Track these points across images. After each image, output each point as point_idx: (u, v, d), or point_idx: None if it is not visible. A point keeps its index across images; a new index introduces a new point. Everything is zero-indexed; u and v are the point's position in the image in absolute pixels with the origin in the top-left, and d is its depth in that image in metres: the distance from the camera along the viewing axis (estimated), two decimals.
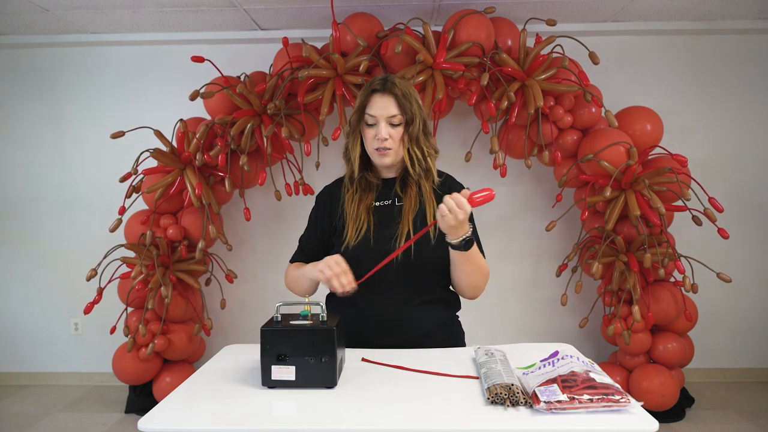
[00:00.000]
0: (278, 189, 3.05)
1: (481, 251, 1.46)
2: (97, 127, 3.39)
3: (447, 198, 1.22)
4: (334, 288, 1.32)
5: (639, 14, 3.10)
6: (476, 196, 1.22)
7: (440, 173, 1.52)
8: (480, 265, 1.40)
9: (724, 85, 3.31)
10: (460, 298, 1.56)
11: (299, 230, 1.59)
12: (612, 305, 2.87)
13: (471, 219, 1.50)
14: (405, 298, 1.44)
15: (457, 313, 1.58)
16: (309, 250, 1.55)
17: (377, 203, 1.47)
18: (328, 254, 1.41)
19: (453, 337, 1.54)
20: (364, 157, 1.49)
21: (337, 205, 1.51)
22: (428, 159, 1.46)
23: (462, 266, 1.38)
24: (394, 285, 1.42)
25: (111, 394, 3.34)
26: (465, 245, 1.30)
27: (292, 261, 1.59)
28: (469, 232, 1.29)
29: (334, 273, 1.31)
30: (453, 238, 1.29)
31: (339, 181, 1.56)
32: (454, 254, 1.36)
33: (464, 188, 1.45)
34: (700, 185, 2.73)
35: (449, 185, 1.51)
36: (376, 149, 1.42)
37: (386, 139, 1.40)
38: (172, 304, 2.87)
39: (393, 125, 1.41)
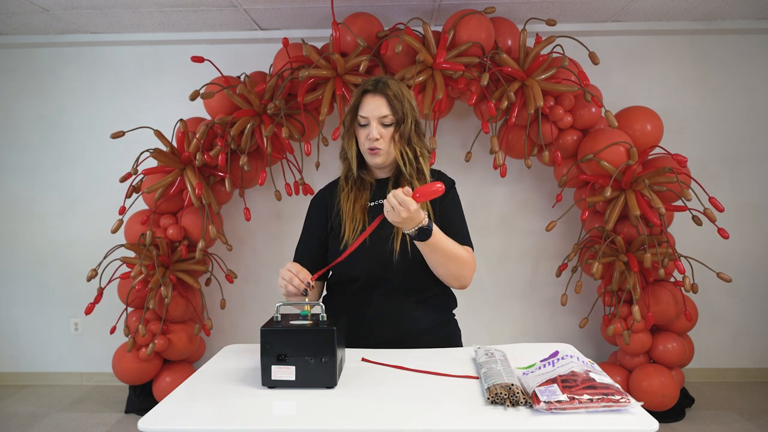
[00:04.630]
0: (278, 189, 3.05)
1: (468, 242, 1.46)
2: (97, 127, 3.39)
3: (390, 196, 1.21)
4: (293, 291, 1.28)
5: (639, 14, 3.10)
6: (419, 193, 1.21)
7: (433, 172, 1.52)
8: (450, 253, 1.36)
9: (724, 85, 3.31)
10: (457, 297, 1.57)
11: (299, 230, 1.58)
12: (612, 305, 2.87)
13: (458, 207, 1.50)
14: (402, 296, 1.45)
15: (453, 312, 1.58)
16: (308, 259, 1.50)
17: (372, 203, 1.48)
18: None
19: (449, 336, 1.54)
20: (360, 157, 1.50)
21: (332, 205, 1.51)
22: (420, 159, 1.46)
23: (428, 256, 1.36)
24: (390, 283, 1.43)
25: (111, 394, 3.34)
26: (418, 235, 1.28)
27: None
28: (425, 223, 1.26)
29: (287, 280, 1.28)
30: (406, 230, 1.28)
31: (333, 184, 1.58)
32: (418, 245, 1.34)
33: (453, 180, 1.50)
34: (700, 185, 2.73)
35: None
36: (368, 149, 1.43)
37: (377, 139, 1.41)
38: (172, 304, 2.87)
39: (384, 125, 1.42)
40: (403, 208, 1.20)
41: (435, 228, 1.31)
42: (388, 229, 1.42)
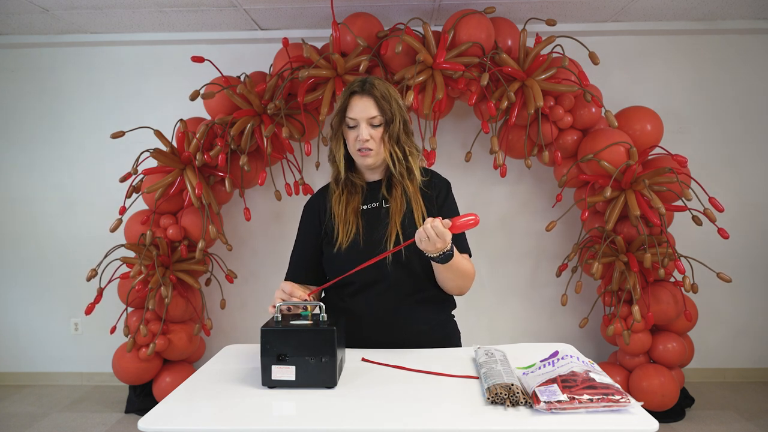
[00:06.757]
0: (278, 189, 3.05)
1: (468, 250, 1.48)
2: (97, 127, 3.39)
3: (428, 227, 1.21)
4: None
5: (639, 14, 3.10)
6: (453, 224, 1.22)
7: (425, 171, 1.53)
8: (461, 270, 1.40)
9: (724, 84, 3.31)
10: (456, 297, 1.57)
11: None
12: (612, 305, 2.87)
13: (455, 211, 1.52)
14: (398, 298, 1.45)
15: (452, 312, 1.58)
16: (304, 267, 1.52)
17: (364, 206, 1.48)
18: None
19: (448, 336, 1.54)
20: (349, 159, 1.50)
21: (325, 209, 1.52)
22: (409, 158, 1.47)
23: (441, 274, 1.40)
24: (387, 285, 1.43)
25: (111, 394, 3.34)
26: (442, 260, 1.30)
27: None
28: (448, 247, 1.28)
29: (284, 298, 1.29)
30: (429, 254, 1.29)
31: (323, 189, 1.58)
32: (434, 264, 1.36)
33: (448, 182, 1.53)
34: (700, 185, 2.73)
35: (435, 184, 1.51)
36: (358, 150, 1.43)
37: (367, 140, 1.41)
38: (172, 304, 2.87)
39: (373, 126, 1.43)
40: (440, 239, 1.22)
41: (455, 250, 1.33)
42: (380, 233, 1.42)
